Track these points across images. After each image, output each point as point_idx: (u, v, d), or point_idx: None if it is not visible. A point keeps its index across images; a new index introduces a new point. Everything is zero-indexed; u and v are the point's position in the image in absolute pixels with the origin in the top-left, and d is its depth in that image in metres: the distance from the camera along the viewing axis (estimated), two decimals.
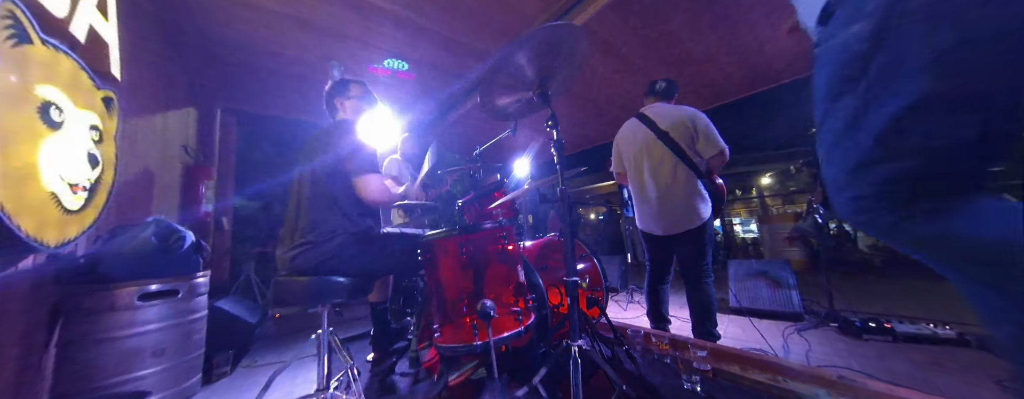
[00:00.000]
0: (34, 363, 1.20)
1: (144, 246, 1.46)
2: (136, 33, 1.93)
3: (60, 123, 1.16)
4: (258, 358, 2.16)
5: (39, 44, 1.08)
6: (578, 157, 6.24)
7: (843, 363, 1.71)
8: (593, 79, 3.39)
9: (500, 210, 1.85)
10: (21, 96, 1.02)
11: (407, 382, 1.61)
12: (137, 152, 1.98)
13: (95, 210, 1.37)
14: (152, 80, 2.24)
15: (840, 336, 2.10)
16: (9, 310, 1.10)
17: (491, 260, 1.29)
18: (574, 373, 1.03)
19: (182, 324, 1.54)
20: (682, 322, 2.39)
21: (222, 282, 3.51)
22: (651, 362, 1.62)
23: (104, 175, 1.41)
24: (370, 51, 2.80)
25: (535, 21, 2.48)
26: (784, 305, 2.48)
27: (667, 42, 2.79)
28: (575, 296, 1.12)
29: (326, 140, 1.34)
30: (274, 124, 4.54)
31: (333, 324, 1.32)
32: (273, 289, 1.22)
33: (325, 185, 1.30)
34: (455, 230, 1.29)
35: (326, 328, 1.29)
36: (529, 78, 1.22)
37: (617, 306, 3.15)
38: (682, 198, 1.83)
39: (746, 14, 2.48)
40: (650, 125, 1.94)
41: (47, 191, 1.11)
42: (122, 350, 1.34)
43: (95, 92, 1.37)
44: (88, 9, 1.31)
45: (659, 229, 1.91)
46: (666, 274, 2.03)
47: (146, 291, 1.42)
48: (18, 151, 1.00)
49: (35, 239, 1.05)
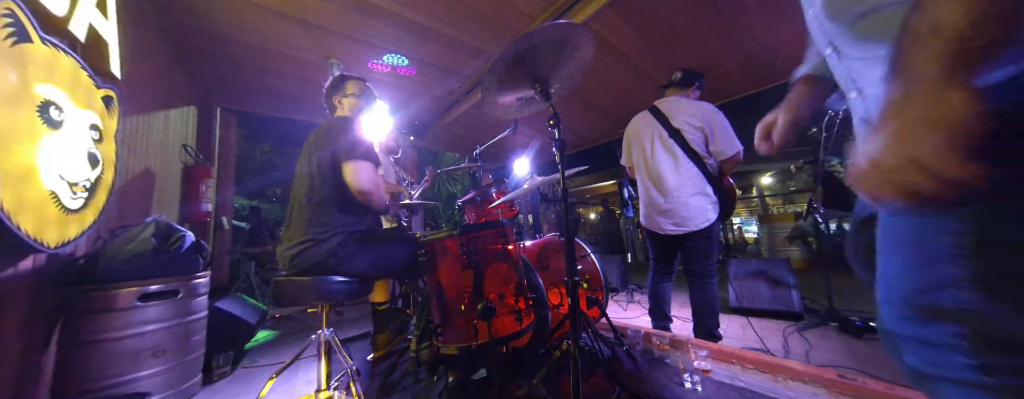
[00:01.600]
0: (34, 363, 1.20)
1: (144, 246, 1.46)
2: (136, 31, 1.93)
3: (60, 122, 1.15)
4: (258, 358, 2.15)
5: (39, 43, 1.08)
6: (577, 157, 6.24)
7: (843, 363, 1.71)
8: (592, 78, 3.39)
9: (500, 210, 1.85)
10: (21, 95, 1.02)
11: (407, 382, 1.60)
12: (137, 151, 1.98)
13: (95, 210, 1.36)
14: (152, 78, 2.24)
15: (840, 335, 2.10)
16: (9, 310, 1.09)
17: (491, 260, 1.29)
18: (574, 373, 1.03)
19: (182, 324, 1.53)
20: (684, 322, 2.39)
21: (222, 282, 3.50)
22: (651, 362, 1.62)
23: (104, 174, 1.40)
24: (370, 50, 2.80)
25: (535, 20, 2.48)
26: (784, 304, 2.48)
27: (667, 40, 2.78)
28: (575, 296, 1.12)
29: (325, 138, 1.34)
30: (274, 123, 4.53)
31: (333, 324, 1.31)
32: (273, 288, 1.22)
33: (325, 183, 1.29)
34: (455, 230, 1.29)
35: (326, 328, 1.29)
36: (531, 76, 1.22)
37: (617, 306, 3.15)
38: (690, 199, 1.79)
39: (746, 13, 2.47)
40: (662, 121, 1.87)
41: (47, 191, 1.11)
42: (122, 351, 1.34)
43: (95, 91, 1.37)
44: (88, 7, 1.31)
45: (664, 229, 1.88)
46: (670, 273, 2.02)
47: (146, 291, 1.42)
48: (18, 150, 1.00)
49: (35, 239, 1.04)
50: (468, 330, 1.19)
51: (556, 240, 1.97)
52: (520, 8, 2.37)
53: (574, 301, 1.11)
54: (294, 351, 1.28)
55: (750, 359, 1.48)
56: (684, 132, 1.81)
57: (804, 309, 2.45)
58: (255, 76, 3.15)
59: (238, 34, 2.52)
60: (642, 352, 1.73)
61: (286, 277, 1.23)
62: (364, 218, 1.36)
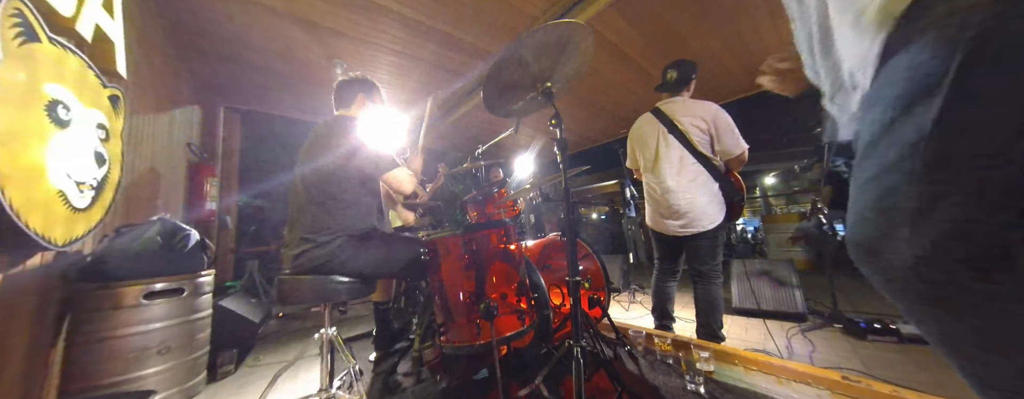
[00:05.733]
0: (42, 360, 1.21)
1: (149, 245, 1.47)
2: (141, 31, 1.94)
3: (67, 121, 1.17)
4: (261, 357, 2.17)
5: (47, 42, 1.09)
6: (579, 157, 6.23)
7: (847, 364, 1.70)
8: (594, 78, 3.39)
9: (502, 209, 1.85)
10: (30, 94, 1.03)
11: (409, 382, 1.61)
12: (143, 150, 1.99)
13: (102, 208, 1.38)
14: (157, 78, 2.26)
15: (844, 337, 2.08)
16: (17, 307, 1.11)
17: (493, 260, 1.29)
18: (576, 373, 1.03)
19: (187, 322, 1.55)
20: (686, 323, 2.38)
21: (226, 281, 3.52)
22: (653, 362, 1.61)
23: (111, 173, 1.42)
24: (374, 50, 2.81)
25: (537, 21, 2.48)
26: (787, 305, 2.46)
27: (669, 40, 2.78)
28: (577, 296, 1.12)
29: (326, 138, 1.34)
30: (277, 123, 4.56)
31: (336, 323, 1.32)
32: (277, 287, 1.23)
33: (327, 184, 1.29)
34: (458, 230, 1.29)
35: (329, 327, 1.30)
36: (533, 76, 1.22)
37: (619, 306, 3.14)
38: (697, 200, 1.77)
39: (749, 12, 2.47)
40: (666, 123, 1.85)
41: (55, 189, 1.12)
42: (128, 348, 1.35)
43: (102, 90, 1.38)
44: (94, 7, 1.32)
45: (671, 230, 1.86)
46: (674, 272, 2.01)
47: (151, 290, 1.43)
48: (26, 149, 1.01)
49: (43, 237, 1.06)
50: (471, 330, 1.19)
51: (558, 240, 1.97)
52: (522, 9, 2.37)
53: (576, 301, 1.11)
54: (297, 350, 1.29)
55: (753, 360, 1.47)
56: (689, 134, 1.79)
57: (808, 310, 2.44)
58: (259, 76, 3.17)
59: (242, 34, 2.54)
60: (644, 352, 1.72)
61: (289, 276, 1.23)
62: (366, 220, 1.36)
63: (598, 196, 7.33)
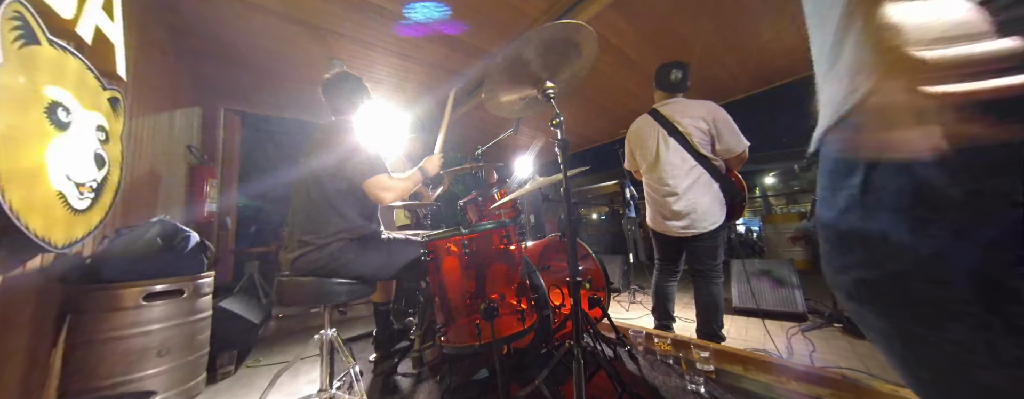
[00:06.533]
0: (42, 362, 1.21)
1: (149, 246, 1.47)
2: (141, 33, 1.94)
3: (67, 123, 1.17)
4: (261, 358, 2.17)
5: (46, 45, 1.09)
6: (579, 157, 6.23)
7: (847, 364, 1.70)
8: (594, 78, 3.39)
9: (502, 210, 1.85)
10: (30, 97, 1.03)
11: (410, 382, 1.61)
12: (143, 152, 1.99)
13: (102, 210, 1.38)
14: (157, 80, 2.26)
15: (844, 337, 2.08)
16: (18, 309, 1.11)
17: (493, 260, 1.29)
18: (577, 373, 1.03)
19: (187, 324, 1.55)
20: (687, 323, 2.38)
21: (225, 282, 3.53)
22: (653, 363, 1.61)
23: (110, 175, 1.42)
24: (373, 51, 2.81)
25: (537, 21, 2.48)
26: (787, 305, 2.46)
27: (670, 41, 2.78)
28: (577, 296, 1.12)
29: (325, 140, 1.34)
30: (277, 124, 4.56)
31: (335, 324, 1.32)
32: (276, 288, 1.23)
33: (325, 187, 1.30)
34: (458, 230, 1.29)
35: (328, 328, 1.30)
36: (533, 76, 1.22)
37: (619, 306, 3.14)
38: (698, 201, 1.77)
39: (749, 12, 2.47)
40: (665, 125, 1.85)
41: (55, 191, 1.12)
42: (128, 349, 1.35)
43: (101, 92, 1.38)
44: (94, 10, 1.32)
45: (672, 231, 1.86)
46: (675, 272, 2.01)
47: (151, 291, 1.43)
48: (26, 151, 1.01)
49: (43, 239, 1.06)
50: (471, 330, 1.19)
51: (558, 240, 1.97)
52: (522, 9, 2.37)
53: (576, 301, 1.12)
54: (297, 351, 1.29)
55: (753, 360, 1.47)
56: (690, 135, 1.79)
57: (808, 310, 2.44)
58: (258, 77, 3.17)
59: (241, 36, 2.54)
60: (644, 353, 1.72)
61: (289, 277, 1.24)
62: (366, 223, 1.36)
63: (598, 196, 7.33)
